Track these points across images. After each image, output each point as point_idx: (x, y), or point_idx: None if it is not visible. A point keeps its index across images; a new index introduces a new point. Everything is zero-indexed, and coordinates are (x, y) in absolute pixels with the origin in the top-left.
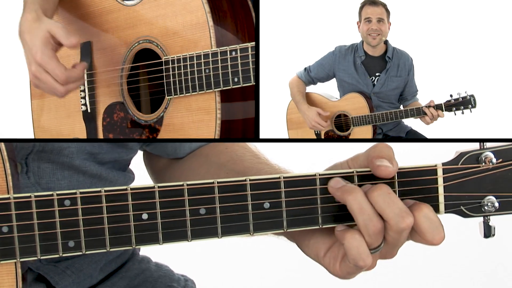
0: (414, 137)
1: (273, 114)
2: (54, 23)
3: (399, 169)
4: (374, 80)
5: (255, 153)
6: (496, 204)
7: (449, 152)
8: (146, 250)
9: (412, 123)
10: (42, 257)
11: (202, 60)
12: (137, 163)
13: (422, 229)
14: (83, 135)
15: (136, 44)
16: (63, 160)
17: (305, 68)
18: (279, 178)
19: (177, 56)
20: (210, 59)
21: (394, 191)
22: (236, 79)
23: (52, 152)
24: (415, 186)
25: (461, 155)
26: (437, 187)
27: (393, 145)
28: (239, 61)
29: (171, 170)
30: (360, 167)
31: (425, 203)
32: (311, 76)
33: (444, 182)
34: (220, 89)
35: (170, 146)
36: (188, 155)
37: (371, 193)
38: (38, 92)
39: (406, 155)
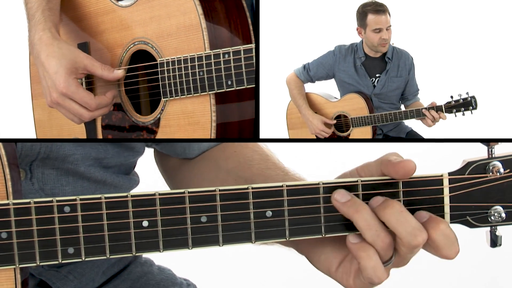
0: (414, 138)
1: (273, 114)
2: (82, 54)
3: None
4: (375, 81)
5: (265, 155)
6: (503, 215)
7: (449, 154)
8: (148, 253)
9: (412, 124)
10: (41, 263)
11: (196, 63)
12: (142, 165)
13: (439, 246)
14: (83, 135)
15: (131, 46)
16: (67, 167)
17: (304, 66)
18: (282, 186)
19: (171, 58)
20: (204, 61)
21: (399, 201)
22: (229, 82)
23: (56, 159)
24: (420, 196)
25: (468, 164)
26: (443, 197)
27: (393, 145)
28: (232, 64)
29: (182, 171)
30: (371, 175)
31: (441, 219)
32: (310, 75)
33: (450, 192)
34: (214, 91)
35: (179, 146)
36: (198, 157)
37: (382, 211)
38: (39, 92)
39: (406, 157)
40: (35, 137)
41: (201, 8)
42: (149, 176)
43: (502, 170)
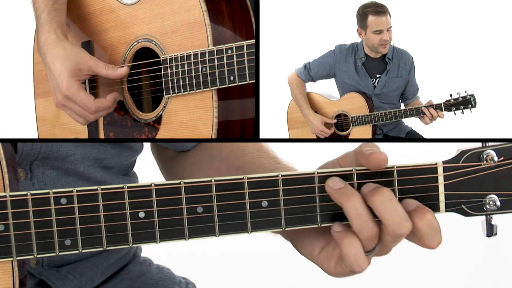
0: (414, 137)
1: (273, 113)
2: (86, 56)
3: (399, 167)
4: (375, 82)
5: (259, 145)
6: (498, 203)
7: (449, 153)
8: (147, 252)
9: (412, 123)
10: (38, 255)
11: (199, 59)
12: (140, 163)
13: (423, 235)
14: (84, 133)
15: (135, 43)
16: (67, 167)
17: (305, 66)
18: (277, 176)
19: (174, 55)
20: (207, 57)
21: (393, 190)
22: (232, 78)
23: (56, 159)
24: (415, 184)
25: (462, 153)
26: (438, 186)
27: (393, 145)
28: (235, 59)
29: (178, 162)
30: (349, 165)
31: (428, 209)
32: (310, 75)
33: (444, 181)
34: (216, 87)
35: None
36: (193, 148)
37: (372, 197)
38: (41, 91)
39: (406, 157)
40: (36, 136)
41: (205, 5)
42: (148, 175)
43: (496, 158)
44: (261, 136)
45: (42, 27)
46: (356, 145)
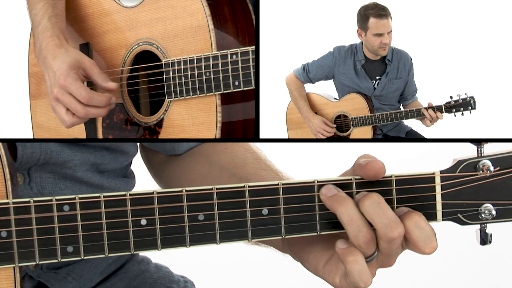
0: (414, 137)
1: (273, 115)
2: (86, 57)
3: (397, 176)
4: (375, 84)
5: (257, 155)
6: (493, 212)
7: (448, 155)
8: (146, 251)
9: (412, 123)
10: (40, 262)
11: (203, 63)
12: (138, 164)
13: (413, 238)
14: (82, 136)
15: (135, 46)
16: (65, 172)
17: (303, 67)
18: (278, 184)
19: (177, 59)
20: (211, 62)
21: (392, 199)
22: (237, 83)
23: (55, 164)
24: (412, 193)
25: (459, 163)
26: (435, 195)
27: (393, 145)
28: (239, 65)
29: (170, 166)
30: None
31: (417, 212)
32: (309, 76)
33: (442, 190)
34: (220, 92)
35: (168, 143)
36: (186, 153)
37: (362, 202)
38: (37, 92)
39: (406, 157)
40: (32, 137)
41: (208, 9)
42: (146, 174)
43: (492, 168)
44: (261, 137)
45: (44, 32)
46: (356, 145)
